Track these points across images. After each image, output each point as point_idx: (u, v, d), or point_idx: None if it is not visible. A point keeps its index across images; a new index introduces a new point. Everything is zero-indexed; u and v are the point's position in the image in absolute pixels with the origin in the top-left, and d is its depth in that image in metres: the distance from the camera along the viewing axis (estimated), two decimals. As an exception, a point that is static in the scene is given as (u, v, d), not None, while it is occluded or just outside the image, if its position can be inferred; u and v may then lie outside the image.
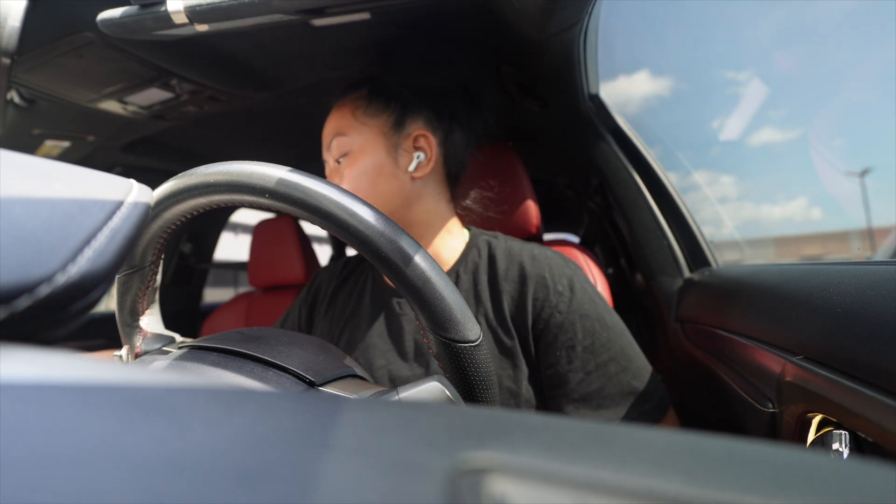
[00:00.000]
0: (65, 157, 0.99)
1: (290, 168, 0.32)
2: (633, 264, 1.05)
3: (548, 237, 0.95)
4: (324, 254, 1.90)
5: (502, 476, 0.10)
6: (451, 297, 0.32)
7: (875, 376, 0.30)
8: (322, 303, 0.70)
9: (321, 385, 0.31)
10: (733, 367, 0.52)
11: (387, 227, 0.31)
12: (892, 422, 0.28)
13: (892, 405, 0.28)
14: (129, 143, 1.02)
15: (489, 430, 0.12)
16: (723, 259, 0.77)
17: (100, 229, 0.18)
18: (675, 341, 0.74)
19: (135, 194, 0.20)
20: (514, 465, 0.10)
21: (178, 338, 0.39)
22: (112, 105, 0.81)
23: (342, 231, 0.31)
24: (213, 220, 1.61)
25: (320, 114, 1.01)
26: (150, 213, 0.34)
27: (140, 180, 0.22)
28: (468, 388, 0.33)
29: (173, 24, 0.53)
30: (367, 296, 0.66)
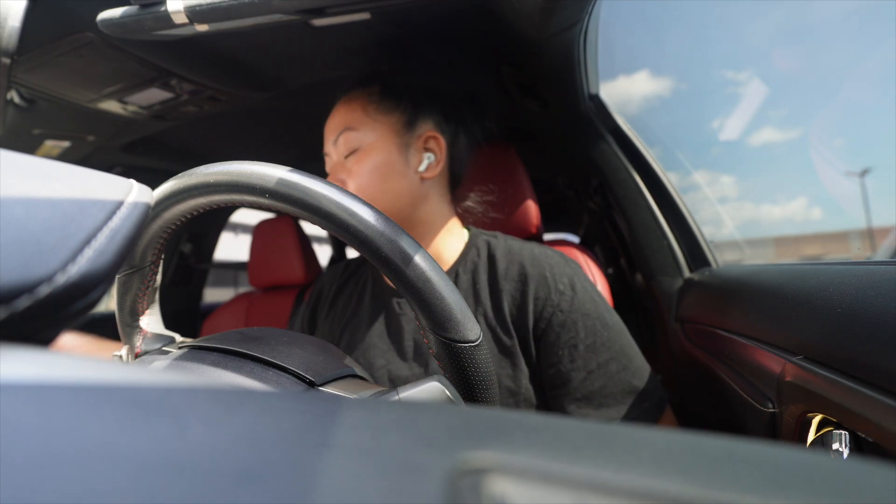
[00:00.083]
0: (65, 157, 0.99)
1: (290, 168, 0.32)
2: (633, 264, 1.05)
3: (548, 237, 0.95)
4: (324, 254, 1.90)
5: (502, 476, 0.10)
6: (451, 297, 0.32)
7: (875, 376, 0.30)
8: (324, 305, 0.70)
9: (321, 385, 0.31)
10: (733, 367, 0.52)
11: (387, 227, 0.31)
12: (892, 422, 0.28)
13: (892, 405, 0.28)
14: (129, 143, 1.01)
15: (489, 430, 0.12)
16: (723, 259, 0.77)
17: (100, 229, 0.18)
18: (675, 341, 0.74)
19: (135, 194, 0.20)
20: (514, 465, 0.10)
21: (178, 338, 0.39)
22: (112, 105, 0.81)
23: (342, 231, 0.31)
24: (213, 220, 1.61)
25: (320, 114, 1.00)
26: (150, 213, 0.34)
27: (140, 180, 0.22)
28: (468, 388, 0.33)
29: (173, 24, 0.53)
30: (367, 296, 0.66)
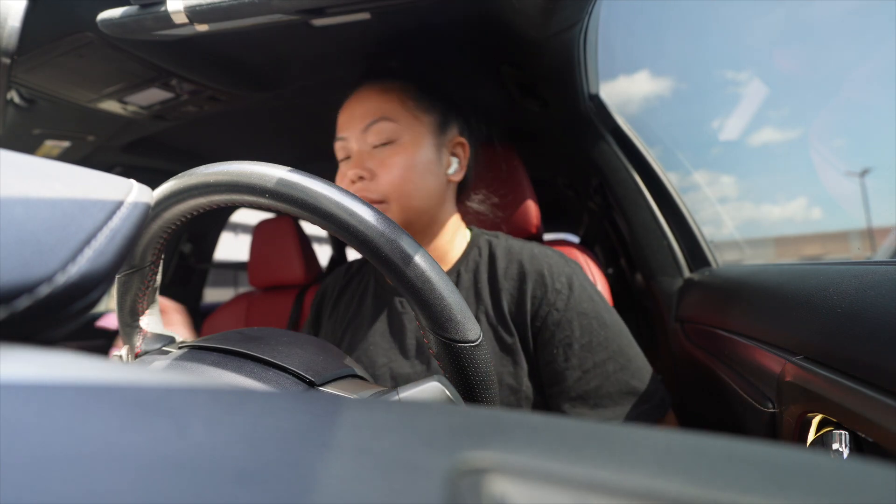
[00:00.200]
0: (65, 157, 0.99)
1: (290, 168, 0.32)
2: (633, 264, 1.05)
3: (548, 237, 0.95)
4: (324, 254, 1.90)
5: (502, 476, 0.10)
6: (452, 297, 0.32)
7: (875, 376, 0.30)
8: (327, 306, 0.71)
9: (321, 385, 0.31)
10: (733, 367, 0.52)
11: (387, 227, 0.31)
12: (892, 422, 0.28)
13: (892, 405, 0.28)
14: (129, 143, 1.01)
15: (489, 430, 0.12)
16: (723, 259, 0.77)
17: (100, 229, 0.18)
18: (675, 341, 0.74)
19: (135, 194, 0.20)
20: (514, 465, 0.10)
21: (178, 338, 0.39)
22: (112, 105, 0.81)
23: (342, 231, 0.31)
24: (213, 220, 1.61)
25: (320, 114, 1.00)
26: (150, 213, 0.34)
27: (140, 180, 0.22)
28: (468, 387, 0.33)
29: (173, 24, 0.53)
30: (369, 296, 0.67)
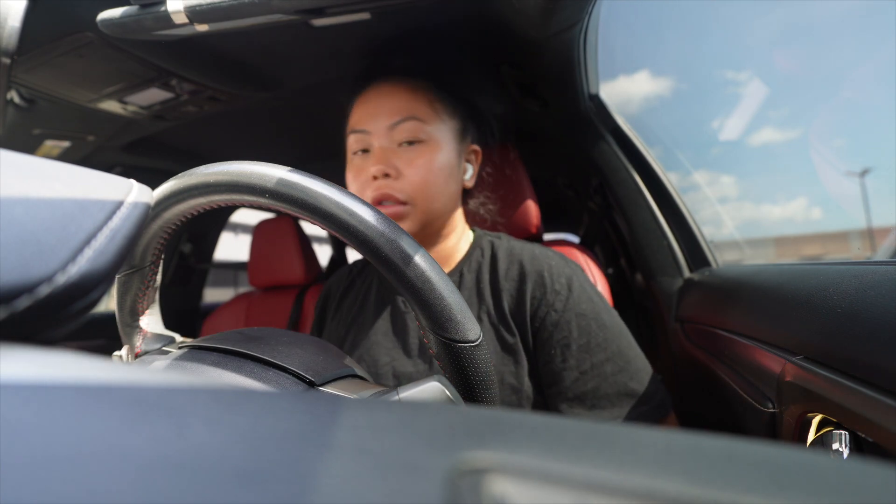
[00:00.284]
0: (65, 157, 0.99)
1: (290, 168, 0.32)
2: (633, 264, 1.05)
3: (548, 237, 0.95)
4: (324, 254, 1.90)
5: (502, 476, 0.10)
6: (452, 297, 0.32)
7: (875, 376, 0.30)
8: (331, 306, 0.71)
9: (321, 385, 0.31)
10: (733, 367, 0.52)
11: (387, 227, 0.31)
12: (892, 422, 0.28)
13: (892, 405, 0.28)
14: (129, 143, 1.01)
15: (489, 430, 0.12)
16: (723, 259, 0.77)
17: (100, 229, 0.18)
18: (675, 341, 0.74)
19: (135, 194, 0.20)
20: (514, 465, 0.10)
21: (178, 338, 0.39)
22: (112, 105, 0.81)
23: (342, 231, 0.31)
24: (213, 220, 1.61)
25: (320, 114, 1.00)
26: (150, 213, 0.34)
27: (140, 180, 0.22)
28: (468, 388, 0.33)
29: (173, 24, 0.53)
30: (372, 295, 0.67)
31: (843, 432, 0.34)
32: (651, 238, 0.82)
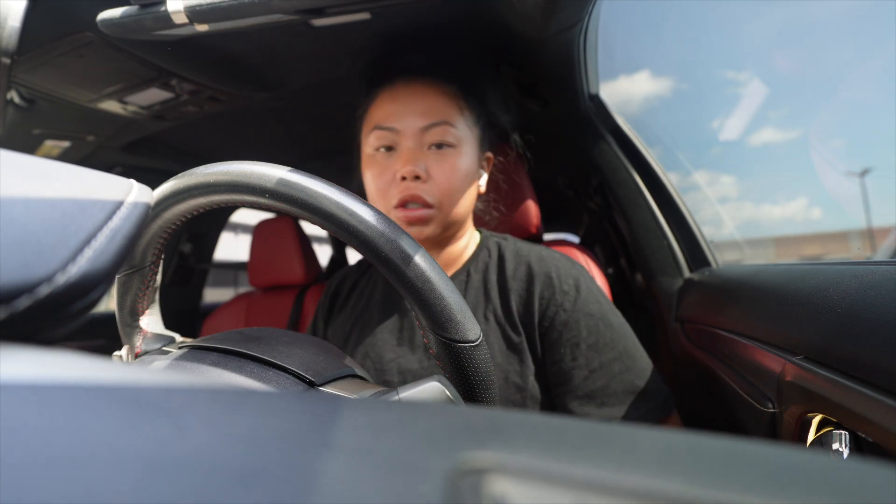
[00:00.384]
0: (65, 157, 0.99)
1: (290, 168, 0.32)
2: (633, 264, 1.05)
3: (548, 237, 0.95)
4: (324, 254, 1.90)
5: (502, 476, 0.10)
6: (452, 297, 0.32)
7: (875, 376, 0.30)
8: (338, 303, 0.72)
9: (321, 385, 0.31)
10: (733, 367, 0.52)
11: (387, 227, 0.31)
12: (892, 422, 0.28)
13: (892, 405, 0.28)
14: (129, 143, 1.01)
15: (489, 430, 0.12)
16: (723, 259, 0.77)
17: (100, 229, 0.18)
18: (675, 341, 0.74)
19: (135, 194, 0.20)
20: (514, 465, 0.10)
21: (178, 338, 0.39)
22: (112, 105, 0.81)
23: (342, 231, 0.31)
24: (213, 220, 1.61)
25: (320, 114, 1.00)
26: (150, 213, 0.34)
27: (140, 180, 0.22)
28: (468, 388, 0.33)
29: (173, 24, 0.53)
30: (378, 292, 0.68)
31: (843, 432, 0.34)
32: (651, 238, 0.82)
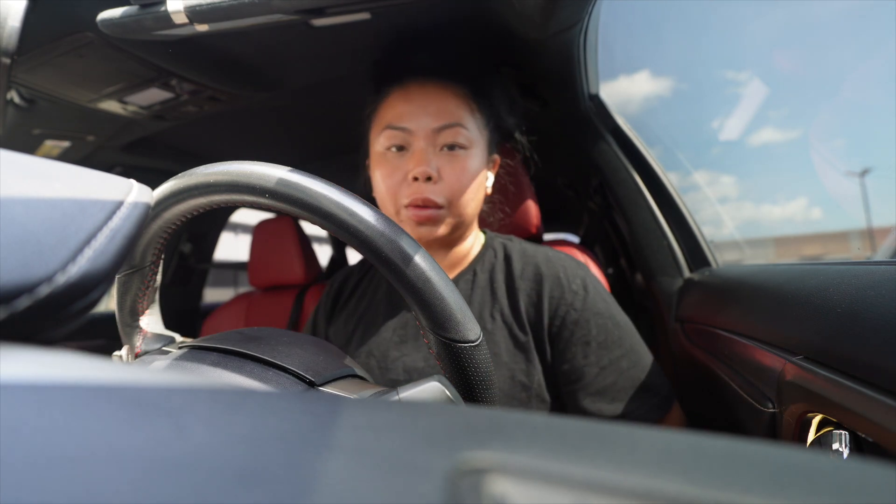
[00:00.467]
0: (65, 157, 0.99)
1: (290, 168, 0.32)
2: (633, 264, 1.05)
3: (548, 237, 0.95)
4: (324, 254, 1.90)
5: (502, 476, 0.10)
6: (452, 297, 0.32)
7: (875, 376, 0.30)
8: (340, 303, 0.72)
9: (321, 385, 0.31)
10: (733, 367, 0.52)
11: (387, 227, 0.31)
12: (892, 422, 0.28)
13: (892, 405, 0.28)
14: (129, 143, 1.01)
15: (489, 430, 0.12)
16: (723, 259, 0.77)
17: (100, 229, 0.18)
18: (675, 341, 0.74)
19: (135, 194, 0.20)
20: (514, 465, 0.10)
21: (178, 338, 0.39)
22: (112, 105, 0.81)
23: (342, 231, 0.31)
24: (213, 220, 1.61)
25: (320, 114, 1.00)
26: (150, 213, 0.34)
27: (140, 180, 0.22)
28: (468, 388, 0.33)
29: (173, 24, 0.53)
30: (380, 291, 0.68)
31: (843, 432, 0.34)
32: (651, 238, 0.82)
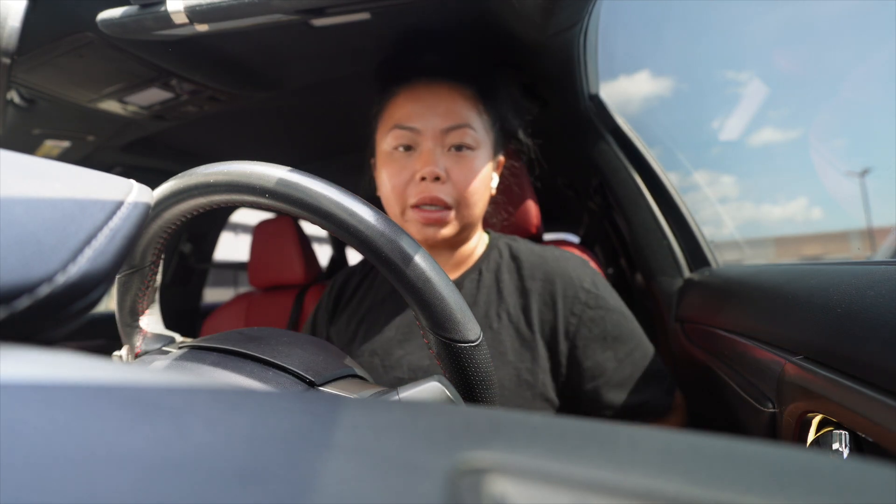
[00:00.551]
0: (65, 157, 0.99)
1: (290, 168, 0.32)
2: (633, 264, 1.05)
3: (548, 237, 0.95)
4: (324, 254, 1.90)
5: (502, 476, 0.10)
6: (452, 297, 0.32)
7: (875, 376, 0.30)
8: (342, 302, 0.72)
9: (321, 385, 0.31)
10: (733, 367, 0.52)
11: (387, 227, 0.31)
12: (892, 422, 0.28)
13: (892, 405, 0.28)
14: (129, 143, 1.01)
15: (489, 430, 0.12)
16: (723, 259, 0.77)
17: (100, 229, 0.18)
18: (675, 341, 0.74)
19: (135, 194, 0.20)
20: (514, 465, 0.10)
21: (178, 338, 0.39)
22: (112, 105, 0.81)
23: (342, 231, 0.31)
24: (213, 220, 1.61)
25: (320, 114, 1.00)
26: (150, 213, 0.34)
27: (140, 180, 0.22)
28: (468, 388, 0.33)
29: (173, 24, 0.53)
30: (383, 290, 0.68)
31: (843, 432, 0.34)
32: (651, 238, 0.82)
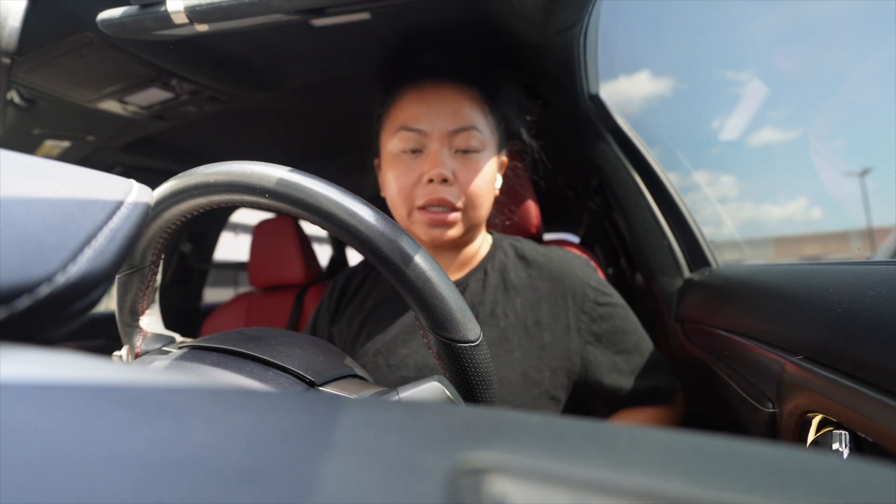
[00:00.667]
0: (65, 157, 0.99)
1: (290, 168, 0.32)
2: (633, 264, 1.05)
3: (548, 237, 0.95)
4: (324, 254, 1.90)
5: (502, 476, 0.10)
6: (452, 297, 0.32)
7: (875, 376, 0.30)
8: (343, 302, 0.72)
9: (321, 385, 0.31)
10: (733, 367, 0.52)
11: (387, 227, 0.31)
12: (892, 422, 0.28)
13: (892, 405, 0.28)
14: (129, 143, 1.01)
15: (489, 430, 0.12)
16: (723, 259, 0.77)
17: (100, 229, 0.18)
18: (675, 341, 0.74)
19: (135, 194, 0.20)
20: (514, 465, 0.10)
21: (178, 338, 0.39)
22: (112, 105, 0.81)
23: (342, 231, 0.31)
24: (213, 220, 1.61)
25: (320, 114, 1.00)
26: (150, 213, 0.34)
27: (140, 180, 0.22)
28: (468, 388, 0.33)
29: (173, 24, 0.53)
30: (386, 289, 0.68)
31: (843, 432, 0.34)
32: (651, 238, 0.82)
